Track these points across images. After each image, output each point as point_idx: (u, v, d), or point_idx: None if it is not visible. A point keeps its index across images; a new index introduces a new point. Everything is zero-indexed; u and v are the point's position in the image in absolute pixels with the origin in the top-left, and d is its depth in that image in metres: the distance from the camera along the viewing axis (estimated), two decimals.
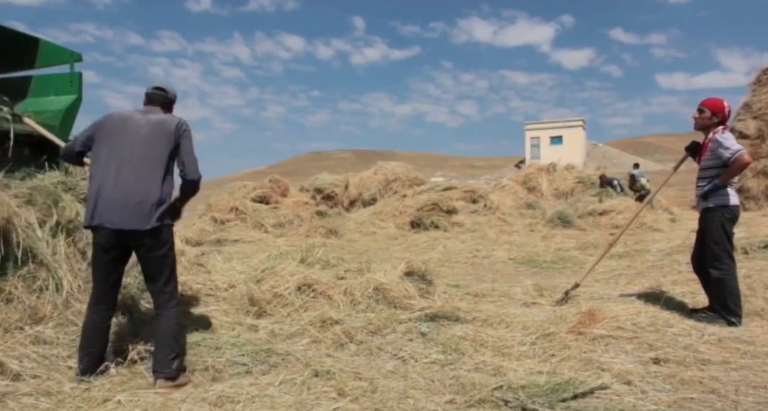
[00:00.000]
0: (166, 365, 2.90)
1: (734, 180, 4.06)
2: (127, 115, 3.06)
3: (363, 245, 9.65)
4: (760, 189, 13.37)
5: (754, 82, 14.90)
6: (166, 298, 3.03)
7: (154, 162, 2.94)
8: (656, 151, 76.85)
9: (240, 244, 9.70)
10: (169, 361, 2.91)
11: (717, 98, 4.15)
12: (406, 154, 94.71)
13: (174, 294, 3.07)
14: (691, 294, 4.67)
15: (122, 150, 2.94)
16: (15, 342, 3.20)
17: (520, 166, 42.99)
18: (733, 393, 2.72)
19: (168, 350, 2.93)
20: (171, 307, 3.03)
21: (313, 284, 4.41)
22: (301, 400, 2.69)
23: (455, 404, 2.65)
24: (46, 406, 2.63)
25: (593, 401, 2.64)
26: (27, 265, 3.60)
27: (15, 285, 3.51)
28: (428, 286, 4.67)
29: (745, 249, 6.23)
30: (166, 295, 3.03)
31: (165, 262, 3.01)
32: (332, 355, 3.38)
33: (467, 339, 3.58)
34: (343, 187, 15.70)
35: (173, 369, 2.91)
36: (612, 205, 11.28)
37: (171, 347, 2.95)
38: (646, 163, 48.04)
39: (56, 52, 5.06)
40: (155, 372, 2.91)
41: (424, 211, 11.53)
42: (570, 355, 3.25)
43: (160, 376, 2.88)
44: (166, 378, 2.88)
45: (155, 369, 2.92)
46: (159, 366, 2.91)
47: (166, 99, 3.22)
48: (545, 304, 4.63)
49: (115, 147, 2.96)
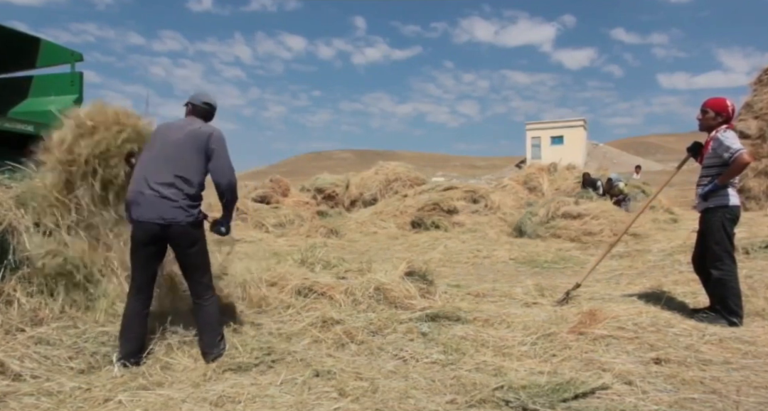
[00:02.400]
0: (215, 346, 3.28)
1: (735, 180, 4.04)
2: (171, 123, 3.40)
3: (364, 245, 9.64)
4: (762, 189, 13.35)
5: (755, 82, 14.88)
6: (204, 288, 3.32)
7: (186, 165, 3.20)
8: (657, 151, 76.83)
9: (241, 244, 9.68)
10: (218, 342, 3.31)
11: (720, 97, 4.13)
12: (406, 154, 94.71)
13: (210, 284, 3.37)
14: (692, 294, 4.66)
15: (159, 154, 3.23)
16: (16, 343, 3.20)
17: (521, 166, 42.98)
18: (735, 393, 2.72)
19: (214, 333, 3.31)
20: (209, 296, 3.34)
21: (314, 284, 4.41)
22: (302, 400, 2.69)
23: (456, 404, 2.65)
24: (47, 406, 2.63)
25: (594, 401, 2.64)
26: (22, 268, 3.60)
27: (14, 287, 3.51)
28: (429, 286, 4.66)
29: (746, 249, 6.23)
30: (203, 285, 3.32)
31: (197, 257, 3.29)
32: (333, 355, 3.38)
33: (468, 339, 3.58)
34: (343, 187, 15.70)
35: (221, 348, 3.30)
36: (589, 208, 9.86)
37: (216, 330, 3.33)
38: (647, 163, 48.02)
39: (57, 52, 5.07)
40: (206, 354, 3.26)
41: (424, 211, 11.53)
42: (571, 355, 3.25)
43: (212, 356, 3.24)
44: (217, 356, 3.23)
45: (205, 351, 3.27)
46: (208, 348, 3.27)
47: (208, 112, 3.50)
48: (546, 304, 4.63)
49: (153, 151, 3.26)
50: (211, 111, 3.51)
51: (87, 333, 3.44)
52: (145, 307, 3.28)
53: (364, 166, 18.71)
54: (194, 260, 3.27)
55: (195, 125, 3.32)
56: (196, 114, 3.44)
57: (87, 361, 3.17)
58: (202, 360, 3.26)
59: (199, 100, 3.46)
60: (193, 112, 3.45)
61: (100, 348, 3.30)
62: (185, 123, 3.36)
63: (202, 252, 3.31)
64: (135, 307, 3.23)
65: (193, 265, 3.28)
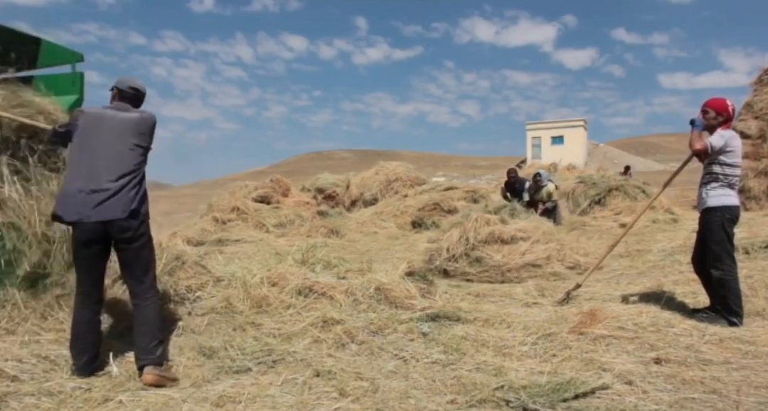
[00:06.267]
0: (149, 352, 2.94)
1: (736, 181, 4.05)
2: (100, 113, 3.15)
3: (364, 245, 9.64)
4: (762, 189, 13.32)
5: (756, 82, 14.85)
6: (145, 288, 3.08)
7: (125, 157, 3.03)
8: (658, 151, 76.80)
9: (241, 244, 9.71)
10: (153, 347, 2.96)
11: (719, 98, 4.14)
12: (407, 153, 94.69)
13: (153, 284, 3.13)
14: (693, 294, 4.66)
15: (95, 146, 3.03)
16: (14, 342, 3.21)
17: (521, 166, 43.00)
18: (735, 393, 2.72)
19: (150, 337, 2.98)
20: (149, 296, 3.09)
21: (315, 284, 4.41)
22: (303, 400, 2.70)
23: (456, 404, 2.65)
24: (48, 406, 2.63)
25: (594, 401, 2.64)
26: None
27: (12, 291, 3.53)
28: (429, 286, 4.66)
29: (746, 249, 6.21)
30: (145, 285, 3.08)
31: (142, 253, 3.08)
32: (333, 355, 3.38)
33: (468, 339, 3.59)
34: (344, 186, 15.70)
35: (157, 355, 2.95)
36: (523, 228, 6.54)
37: (153, 334, 3.00)
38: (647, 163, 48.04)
39: (58, 52, 5.05)
40: (139, 360, 2.94)
41: (425, 211, 11.53)
42: (571, 355, 3.25)
43: (147, 363, 2.91)
44: (153, 364, 2.92)
45: (139, 357, 2.95)
46: (143, 353, 2.94)
47: (136, 97, 3.32)
48: (546, 304, 4.63)
49: (87, 144, 3.05)
50: (139, 96, 3.33)
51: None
52: (94, 313, 3.09)
53: (365, 166, 18.70)
54: (137, 257, 3.06)
55: (128, 112, 3.17)
56: (123, 100, 3.26)
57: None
58: (202, 360, 3.25)
59: (125, 85, 3.28)
60: (120, 98, 3.27)
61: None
62: (115, 109, 3.19)
63: (146, 248, 3.11)
64: (83, 315, 3.04)
65: (136, 262, 3.06)
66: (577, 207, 12.79)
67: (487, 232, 6.40)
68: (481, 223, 6.55)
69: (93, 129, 3.08)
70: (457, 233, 6.59)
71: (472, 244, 6.37)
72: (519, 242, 6.30)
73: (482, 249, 6.30)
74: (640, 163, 45.80)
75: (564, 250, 6.49)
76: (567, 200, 13.25)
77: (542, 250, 6.22)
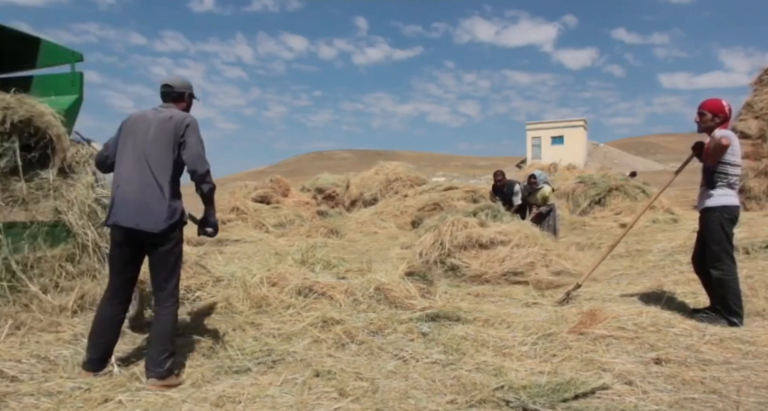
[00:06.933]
0: (158, 365, 2.92)
1: (736, 180, 4.05)
2: (141, 115, 3.13)
3: (364, 245, 9.65)
4: (762, 189, 13.32)
5: (756, 82, 14.85)
6: (166, 296, 3.05)
7: (161, 162, 2.99)
8: (658, 151, 76.77)
9: (241, 244, 9.71)
10: (162, 360, 2.93)
11: (715, 99, 4.15)
12: (407, 153, 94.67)
13: (174, 292, 3.08)
14: (693, 294, 4.66)
15: (134, 151, 3.03)
16: (14, 343, 3.21)
17: (521, 166, 43.00)
18: (735, 393, 2.71)
19: (162, 349, 2.95)
20: (169, 305, 3.05)
21: (314, 284, 4.41)
22: (302, 400, 2.69)
23: (456, 404, 2.65)
24: (47, 406, 2.63)
25: (594, 401, 2.63)
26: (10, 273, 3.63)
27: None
28: (429, 286, 4.67)
29: (746, 249, 6.21)
30: (165, 292, 3.04)
31: (168, 258, 3.03)
32: (333, 355, 3.38)
33: (468, 339, 3.58)
34: (344, 186, 15.71)
35: (164, 369, 2.92)
36: (505, 230, 6.08)
37: (165, 346, 2.96)
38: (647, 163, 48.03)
39: (58, 51, 5.06)
40: (147, 370, 2.94)
41: (425, 210, 11.54)
42: (571, 355, 3.25)
43: (152, 375, 2.91)
44: (157, 377, 2.90)
45: (148, 367, 2.95)
46: (152, 365, 2.93)
47: (174, 94, 3.22)
48: (546, 304, 4.63)
49: (128, 149, 3.05)
50: (171, 93, 3.21)
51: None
52: (119, 312, 3.12)
53: (365, 166, 18.71)
54: (162, 261, 3.02)
55: (165, 113, 3.09)
56: (165, 100, 3.22)
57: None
58: (202, 360, 3.25)
59: (161, 85, 3.24)
60: (162, 99, 3.24)
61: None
62: (157, 110, 3.14)
63: (172, 254, 3.05)
64: (107, 311, 3.08)
65: (160, 266, 3.03)
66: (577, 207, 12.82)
67: (464, 236, 5.94)
68: (458, 227, 6.08)
69: (131, 132, 3.09)
70: (431, 237, 6.12)
71: (447, 249, 5.91)
72: (498, 247, 5.78)
73: (458, 256, 5.84)
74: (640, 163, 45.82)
75: (549, 256, 5.85)
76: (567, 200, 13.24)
77: (523, 256, 5.70)
